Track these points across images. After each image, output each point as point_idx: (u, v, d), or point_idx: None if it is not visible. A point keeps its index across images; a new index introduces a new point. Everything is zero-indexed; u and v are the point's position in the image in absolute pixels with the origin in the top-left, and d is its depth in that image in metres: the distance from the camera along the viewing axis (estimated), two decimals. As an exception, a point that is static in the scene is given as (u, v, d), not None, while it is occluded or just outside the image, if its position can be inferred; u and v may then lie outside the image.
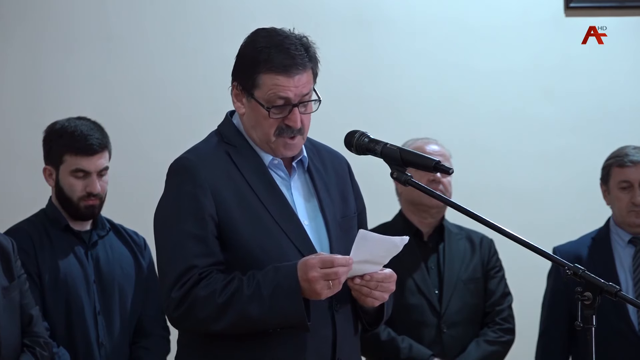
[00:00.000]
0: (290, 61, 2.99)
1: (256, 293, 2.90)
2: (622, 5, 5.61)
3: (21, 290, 3.68)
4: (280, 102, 3.00)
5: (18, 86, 5.25)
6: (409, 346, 4.42)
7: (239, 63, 3.08)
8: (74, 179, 4.06)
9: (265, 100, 3.01)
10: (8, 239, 3.72)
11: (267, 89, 3.00)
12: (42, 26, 5.27)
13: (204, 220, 2.97)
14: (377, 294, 2.99)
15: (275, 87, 2.99)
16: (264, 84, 3.00)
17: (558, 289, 4.55)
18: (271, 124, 3.02)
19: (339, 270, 2.87)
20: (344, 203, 3.17)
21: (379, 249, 2.94)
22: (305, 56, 3.02)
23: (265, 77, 3.00)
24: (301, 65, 3.00)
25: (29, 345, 3.66)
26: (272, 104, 3.00)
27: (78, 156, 4.04)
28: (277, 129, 3.03)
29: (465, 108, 5.55)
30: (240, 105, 3.08)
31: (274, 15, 5.26)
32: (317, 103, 3.06)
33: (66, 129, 4.08)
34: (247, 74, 3.03)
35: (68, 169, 4.06)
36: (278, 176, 3.09)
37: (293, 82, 3.00)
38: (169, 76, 5.33)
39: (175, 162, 3.08)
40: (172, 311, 2.97)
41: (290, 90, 2.99)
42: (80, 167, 4.05)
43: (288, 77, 2.99)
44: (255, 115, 3.04)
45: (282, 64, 2.99)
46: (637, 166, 4.48)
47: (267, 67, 2.99)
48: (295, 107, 3.01)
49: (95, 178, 4.07)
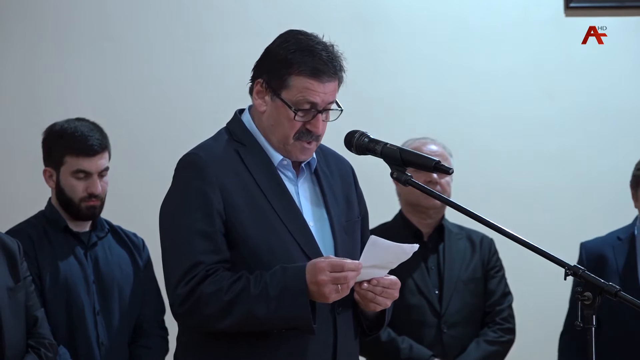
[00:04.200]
0: (324, 67, 3.02)
1: (263, 293, 2.90)
2: (622, 5, 5.61)
3: (27, 291, 3.69)
4: (307, 106, 3.02)
5: (18, 86, 5.25)
6: (409, 346, 4.42)
7: (269, 61, 3.07)
8: (75, 180, 4.06)
9: (293, 102, 3.01)
10: (14, 240, 3.73)
11: (297, 91, 3.01)
12: (42, 26, 5.27)
13: (211, 216, 2.97)
14: (380, 299, 2.99)
15: (305, 91, 3.00)
16: (294, 86, 3.01)
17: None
18: (293, 127, 3.03)
19: (348, 274, 2.88)
20: (349, 207, 3.18)
21: (388, 255, 2.95)
22: (336, 64, 3.05)
23: (297, 80, 3.01)
24: (333, 73, 3.03)
25: (33, 346, 3.67)
26: (299, 106, 3.01)
27: (79, 157, 4.04)
28: (297, 133, 3.04)
29: (465, 108, 5.55)
30: (262, 102, 3.07)
31: (274, 15, 5.26)
32: (337, 112, 3.08)
33: (66, 130, 4.08)
34: (276, 73, 3.03)
35: (69, 170, 4.06)
36: (286, 177, 3.10)
37: (323, 88, 3.02)
38: (169, 76, 5.33)
39: (185, 158, 3.08)
40: (177, 307, 2.97)
41: (319, 96, 3.02)
42: (82, 168, 4.05)
43: (320, 83, 3.01)
44: (277, 115, 3.05)
45: (317, 68, 3.01)
46: None
47: (300, 69, 3.00)
48: (319, 113, 3.03)
49: (96, 179, 4.07)
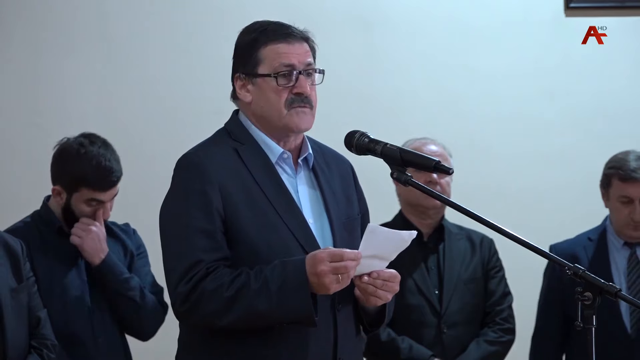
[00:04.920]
0: (288, 30, 3.09)
1: (264, 287, 2.90)
2: (622, 5, 5.61)
3: (29, 292, 3.71)
4: (285, 70, 3.04)
5: (18, 87, 5.24)
6: (409, 346, 4.42)
7: (238, 52, 3.13)
8: (86, 206, 4.10)
9: (271, 70, 3.05)
10: (17, 240, 3.74)
11: (270, 60, 3.05)
12: (42, 26, 5.27)
13: (211, 215, 2.97)
14: (381, 293, 2.99)
15: (277, 56, 3.05)
16: (266, 57, 3.06)
17: (552, 288, 4.56)
18: (280, 96, 3.05)
19: (348, 264, 2.87)
20: (349, 205, 3.18)
21: (387, 243, 2.94)
22: (300, 31, 3.11)
23: (266, 50, 3.06)
24: (298, 35, 3.09)
25: (36, 346, 3.68)
26: (277, 71, 3.04)
27: (96, 191, 4.07)
28: (287, 101, 3.05)
29: (465, 108, 5.55)
30: (247, 93, 3.10)
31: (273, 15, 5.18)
32: (321, 75, 3.10)
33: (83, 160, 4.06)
34: (247, 56, 3.08)
35: (82, 197, 4.09)
36: (285, 172, 3.10)
37: (294, 49, 3.06)
38: (169, 76, 5.33)
39: (184, 158, 3.09)
40: (179, 306, 2.97)
41: (292, 57, 3.06)
42: (96, 198, 4.09)
43: (288, 44, 3.06)
44: (263, 93, 3.07)
45: (281, 33, 3.07)
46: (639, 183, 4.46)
47: (266, 40, 3.06)
48: (300, 74, 3.05)
49: (108, 206, 4.14)
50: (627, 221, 4.47)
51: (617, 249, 4.53)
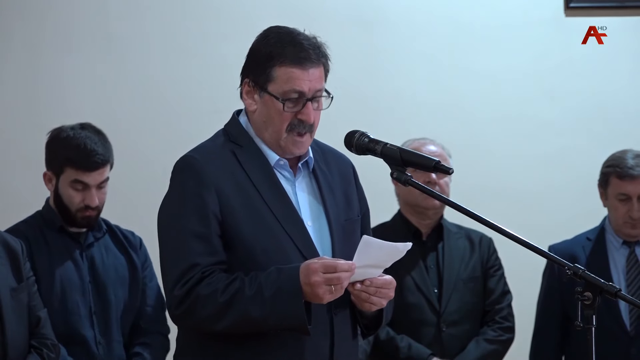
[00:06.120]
0: (306, 54, 3.01)
1: (258, 294, 2.90)
2: (622, 5, 5.61)
3: (29, 292, 3.71)
4: (294, 95, 3.01)
5: (17, 86, 5.24)
6: (408, 345, 4.42)
7: (252, 59, 3.08)
8: (72, 190, 4.07)
9: (280, 93, 3.01)
10: (17, 240, 3.74)
11: (282, 82, 3.00)
12: (42, 26, 5.26)
13: (207, 218, 2.97)
14: (375, 299, 2.98)
15: (290, 80, 3.00)
16: (278, 77, 3.01)
17: (551, 288, 4.57)
18: (284, 119, 3.02)
19: (341, 275, 2.87)
20: (348, 206, 3.17)
21: (381, 254, 2.94)
22: (318, 51, 3.04)
23: (280, 70, 3.01)
24: (315, 59, 3.02)
25: (36, 346, 3.69)
26: (286, 96, 3.01)
27: (78, 170, 4.05)
28: (290, 125, 3.03)
29: (465, 108, 5.55)
30: (252, 102, 3.07)
31: (273, 15, 5.25)
32: (328, 100, 3.07)
33: (70, 141, 4.07)
34: (260, 69, 3.03)
35: (67, 179, 4.07)
36: (283, 176, 3.09)
37: (307, 76, 3.01)
38: (168, 76, 5.32)
39: (181, 160, 3.08)
40: (174, 309, 2.97)
41: (304, 83, 3.00)
42: (80, 180, 4.07)
43: (303, 70, 3.00)
44: (267, 110, 3.04)
45: (298, 57, 3.00)
46: (637, 180, 4.46)
47: (282, 59, 3.00)
48: (309, 101, 3.02)
49: (94, 192, 4.08)
50: (625, 219, 4.48)
51: (616, 248, 4.54)
